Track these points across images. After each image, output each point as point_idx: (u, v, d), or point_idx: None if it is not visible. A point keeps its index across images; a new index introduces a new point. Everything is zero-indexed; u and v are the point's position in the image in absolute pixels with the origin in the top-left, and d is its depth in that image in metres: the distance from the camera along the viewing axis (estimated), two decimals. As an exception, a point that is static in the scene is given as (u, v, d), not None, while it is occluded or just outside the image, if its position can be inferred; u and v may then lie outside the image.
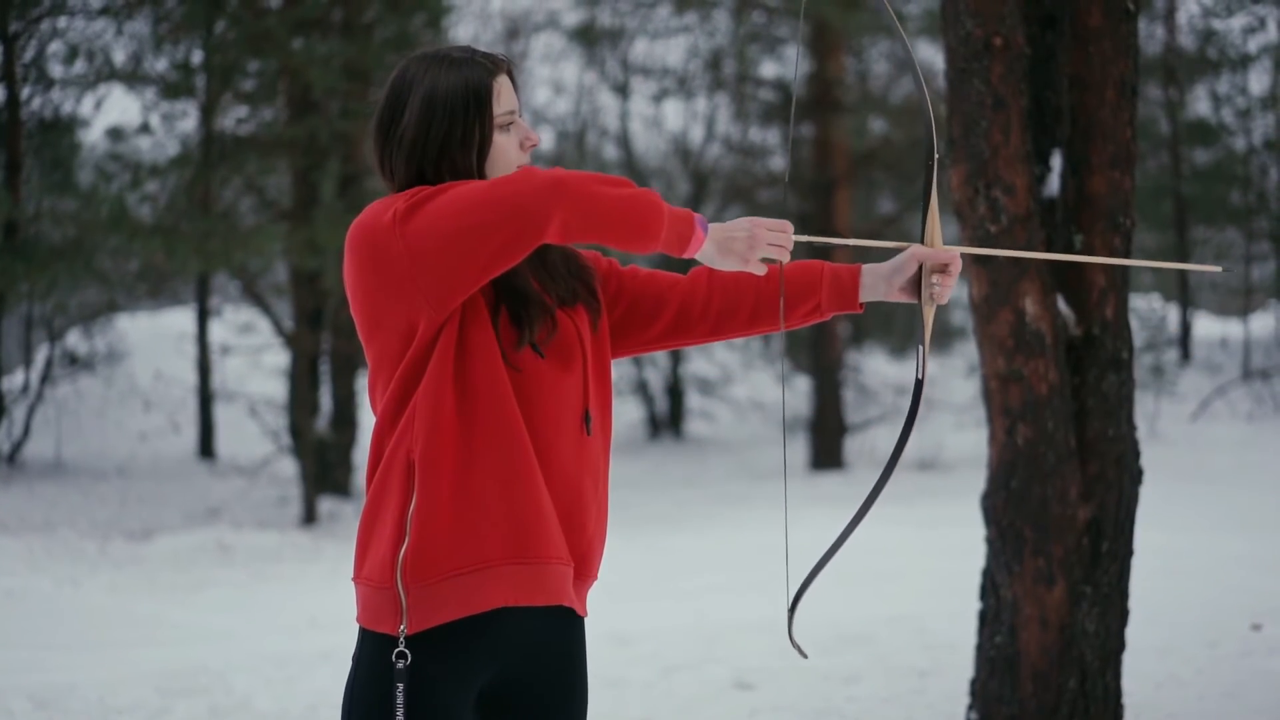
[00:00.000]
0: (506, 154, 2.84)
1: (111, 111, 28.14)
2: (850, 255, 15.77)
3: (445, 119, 2.80)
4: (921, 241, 3.07)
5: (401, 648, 2.72)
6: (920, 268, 3.04)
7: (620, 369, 22.05)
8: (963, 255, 3.09)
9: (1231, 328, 26.06)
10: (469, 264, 2.68)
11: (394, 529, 2.74)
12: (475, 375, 2.76)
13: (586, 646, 2.96)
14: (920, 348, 3.08)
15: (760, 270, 2.85)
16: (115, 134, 15.87)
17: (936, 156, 3.09)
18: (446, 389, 2.74)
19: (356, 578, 2.80)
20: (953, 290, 3.11)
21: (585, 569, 2.88)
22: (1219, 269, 3.25)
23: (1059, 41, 5.11)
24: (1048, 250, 5.05)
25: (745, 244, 2.81)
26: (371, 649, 2.76)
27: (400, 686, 2.71)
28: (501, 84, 2.86)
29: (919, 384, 3.10)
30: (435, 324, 2.73)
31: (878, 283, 3.05)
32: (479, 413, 2.76)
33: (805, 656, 3.04)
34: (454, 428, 2.75)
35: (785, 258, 2.86)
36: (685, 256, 2.78)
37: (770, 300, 3.05)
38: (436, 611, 2.72)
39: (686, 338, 3.07)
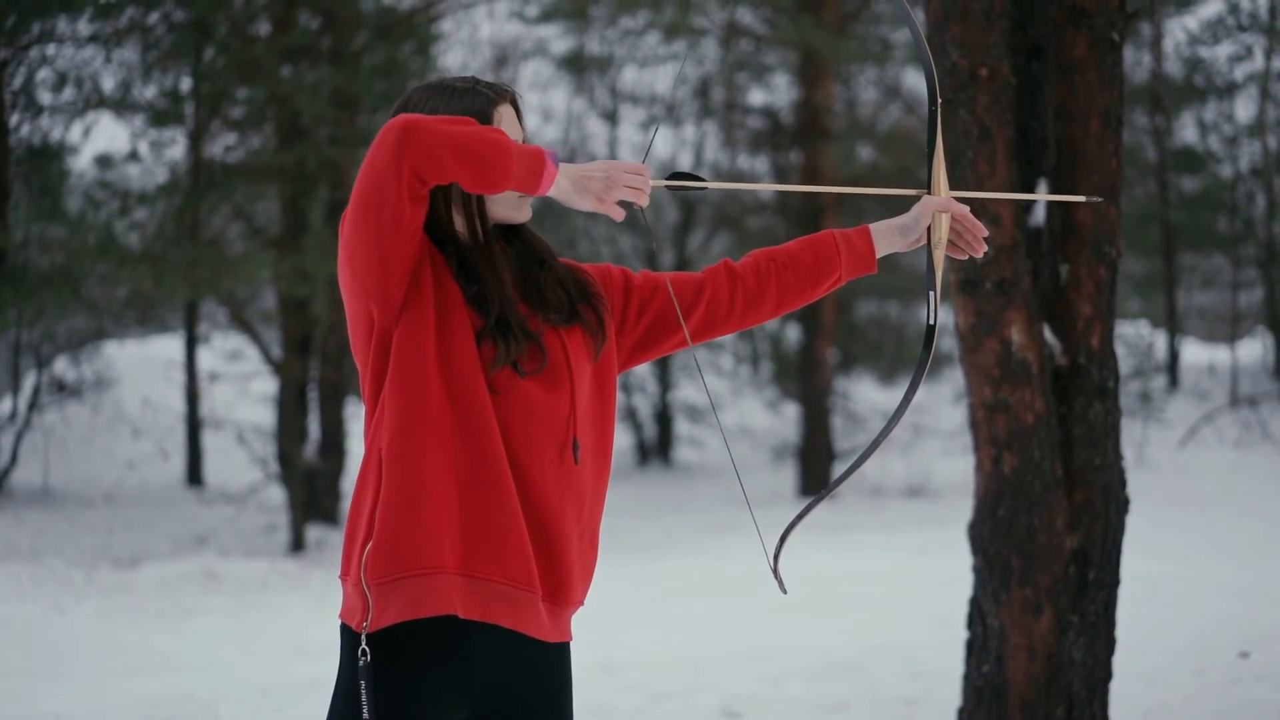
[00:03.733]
0: None
1: (100, 139, 28.12)
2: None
3: None
4: (928, 188, 3.14)
5: (363, 645, 2.76)
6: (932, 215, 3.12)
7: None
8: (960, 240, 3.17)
9: (1219, 354, 26.13)
10: (375, 241, 2.73)
11: (366, 525, 2.79)
12: (451, 384, 2.78)
13: (571, 671, 2.96)
14: (931, 293, 3.12)
15: (617, 215, 2.82)
16: (104, 161, 15.90)
17: (940, 102, 3.13)
18: (414, 390, 2.77)
19: (344, 576, 2.84)
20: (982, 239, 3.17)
21: (564, 596, 2.88)
22: (1083, 199, 3.26)
23: (1044, 72, 5.13)
24: (1034, 281, 5.07)
25: (602, 184, 2.79)
26: (345, 644, 2.81)
27: (363, 684, 2.75)
28: (503, 113, 2.88)
29: (931, 329, 3.13)
30: (386, 317, 2.78)
31: (893, 240, 3.14)
32: (452, 422, 2.78)
33: (785, 592, 3.05)
34: (422, 430, 2.77)
35: (643, 201, 2.84)
36: (540, 194, 2.75)
37: (792, 283, 3.10)
38: (388, 611, 2.75)
39: (713, 334, 3.11)
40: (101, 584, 12.53)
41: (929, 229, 3.13)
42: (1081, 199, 3.24)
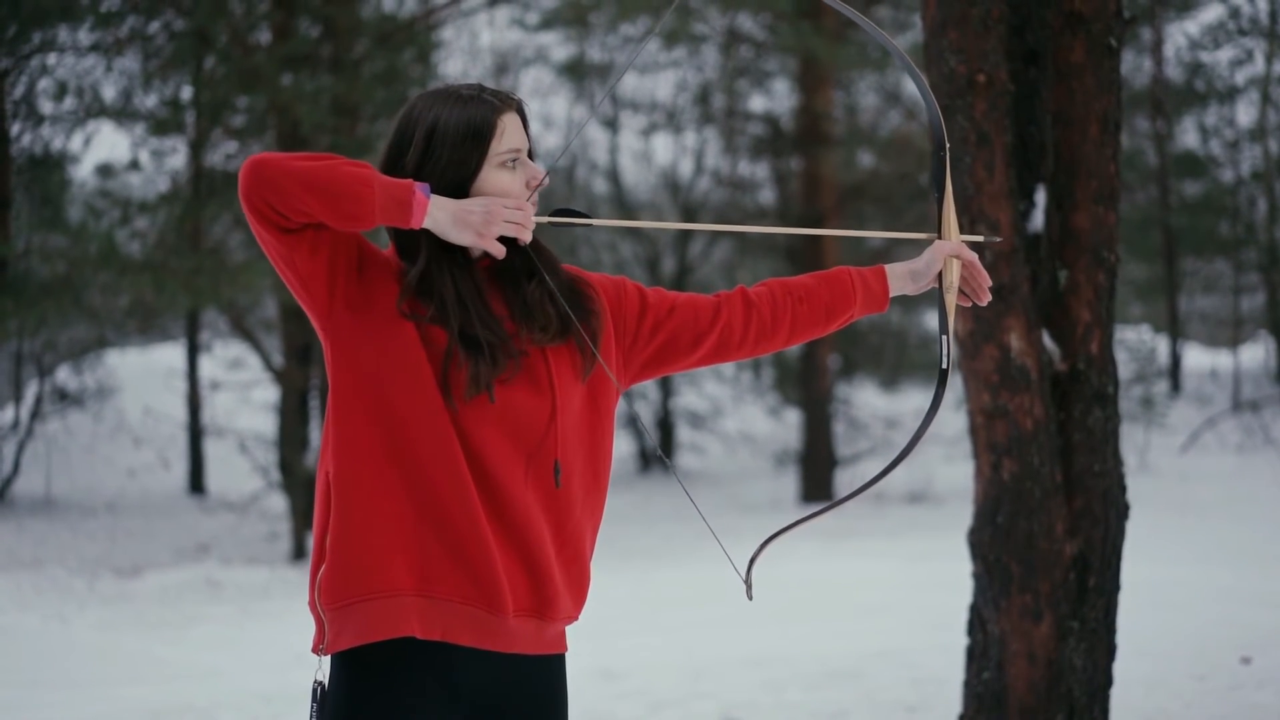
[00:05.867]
0: (508, 193, 2.84)
1: (101, 148, 28.17)
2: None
3: (444, 154, 2.80)
4: (939, 233, 3.14)
5: (318, 669, 2.80)
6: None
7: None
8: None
9: (1221, 359, 26.12)
10: (280, 269, 2.77)
11: (319, 550, 2.81)
12: (399, 406, 2.77)
13: (565, 681, 2.94)
14: (944, 337, 3.11)
15: (498, 250, 2.78)
16: (105, 170, 15.89)
17: (948, 147, 3.12)
18: (359, 413, 2.77)
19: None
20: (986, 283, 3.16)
21: (550, 611, 2.86)
22: (983, 239, 3.24)
23: (1042, 77, 5.13)
24: (1033, 287, 5.07)
25: (481, 219, 2.76)
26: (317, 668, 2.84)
27: (314, 706, 2.79)
28: (507, 122, 2.85)
29: (944, 373, 3.12)
30: (323, 330, 2.80)
31: (904, 283, 3.13)
32: (404, 443, 2.77)
33: (750, 599, 3.04)
34: (368, 450, 2.77)
35: (526, 236, 2.81)
36: (413, 226, 2.73)
37: (806, 318, 3.09)
38: (343, 635, 2.76)
39: (723, 359, 3.10)
40: (103, 593, 12.54)
41: (939, 273, 3.12)
42: (980, 239, 3.22)
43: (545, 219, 2.87)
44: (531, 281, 2.89)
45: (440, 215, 2.74)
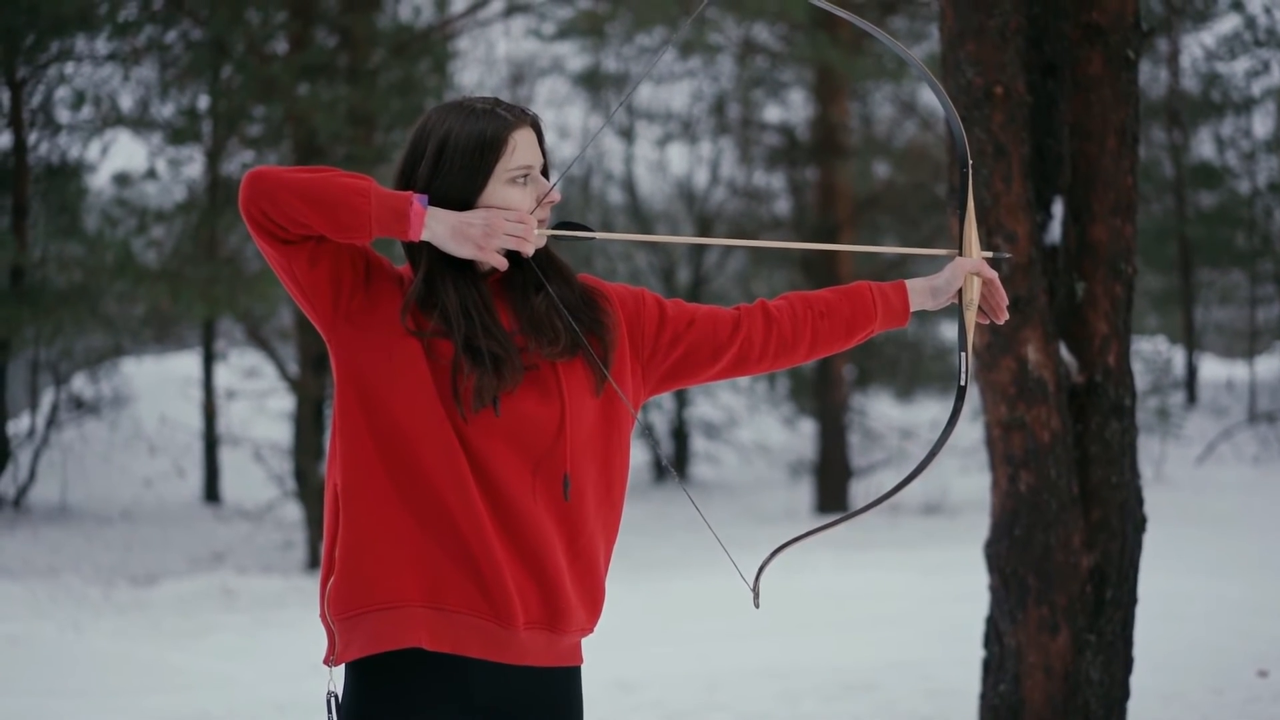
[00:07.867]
0: (513, 208, 2.83)
1: (118, 157, 28.25)
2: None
3: (454, 167, 2.80)
4: (959, 249, 3.13)
5: (330, 680, 2.81)
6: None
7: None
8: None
9: (1237, 370, 26.05)
10: (283, 280, 2.80)
11: (328, 561, 2.82)
12: (402, 419, 2.77)
13: (580, 692, 2.94)
14: (963, 354, 3.10)
15: (500, 263, 2.79)
16: (122, 179, 15.92)
17: (971, 163, 3.11)
18: (361, 424, 2.78)
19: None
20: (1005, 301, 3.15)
21: (562, 623, 2.85)
22: (991, 255, 3.21)
23: (1060, 89, 5.12)
24: (1050, 299, 5.06)
25: (481, 231, 2.76)
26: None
27: (332, 717, 2.80)
28: (520, 137, 2.85)
29: (962, 390, 3.11)
30: (328, 341, 2.81)
31: (924, 299, 3.12)
32: (409, 456, 2.77)
33: (757, 607, 3.02)
34: (374, 463, 2.78)
35: (527, 249, 2.82)
36: (412, 238, 2.74)
37: (827, 333, 3.08)
38: (352, 645, 2.78)
39: (742, 373, 3.09)
40: (118, 601, 12.55)
41: (959, 290, 3.11)
42: (990, 254, 3.20)
43: (546, 232, 2.87)
44: (539, 294, 2.89)
45: (438, 228, 2.76)
